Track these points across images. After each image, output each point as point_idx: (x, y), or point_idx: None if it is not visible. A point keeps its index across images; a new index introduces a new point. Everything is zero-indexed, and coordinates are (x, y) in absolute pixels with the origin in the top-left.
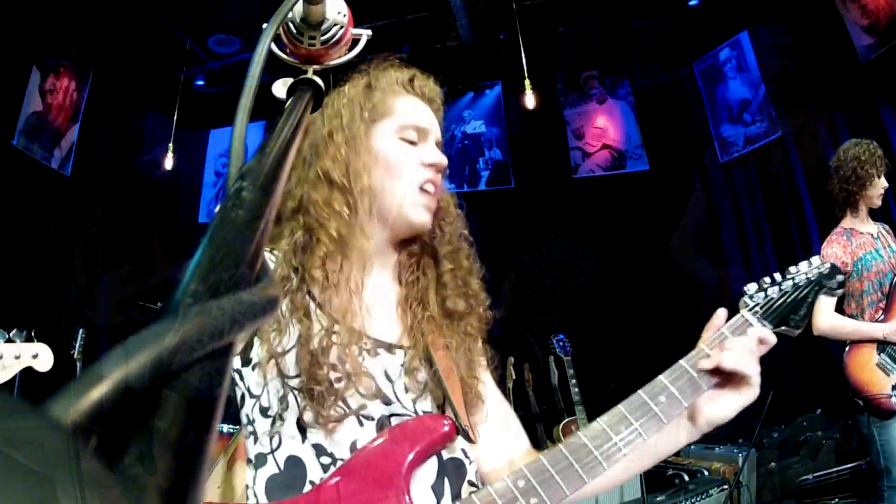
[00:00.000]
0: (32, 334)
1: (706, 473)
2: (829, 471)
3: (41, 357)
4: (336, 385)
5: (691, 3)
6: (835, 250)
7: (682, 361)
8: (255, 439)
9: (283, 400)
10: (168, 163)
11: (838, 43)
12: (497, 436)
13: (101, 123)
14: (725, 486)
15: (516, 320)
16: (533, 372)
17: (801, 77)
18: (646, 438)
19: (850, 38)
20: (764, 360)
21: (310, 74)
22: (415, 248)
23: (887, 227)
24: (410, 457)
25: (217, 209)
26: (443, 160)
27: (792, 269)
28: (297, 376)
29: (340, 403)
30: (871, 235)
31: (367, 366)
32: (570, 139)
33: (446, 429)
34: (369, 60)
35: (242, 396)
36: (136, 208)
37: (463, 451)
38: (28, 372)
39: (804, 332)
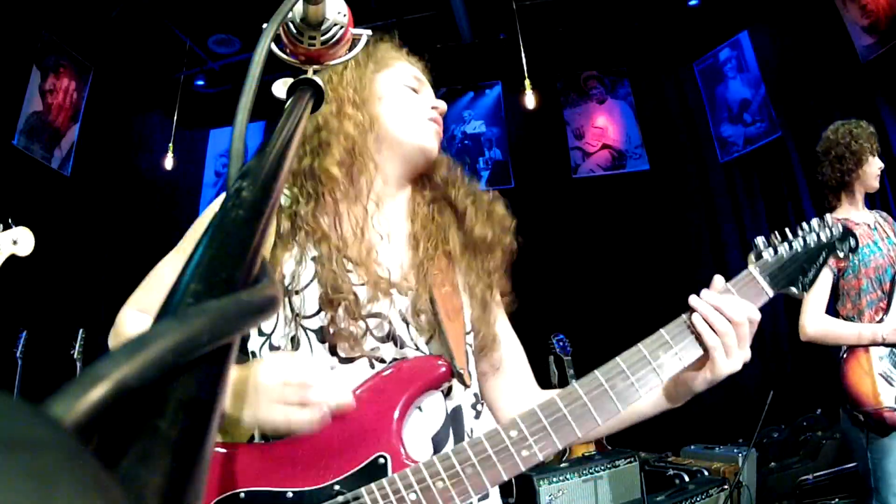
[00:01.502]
0: (10, 221)
1: (706, 473)
2: (828, 471)
3: (21, 241)
4: (356, 306)
5: (691, 3)
6: None
7: (683, 316)
8: None
9: (294, 339)
10: (168, 163)
11: (838, 43)
12: (507, 377)
13: (101, 123)
14: (725, 486)
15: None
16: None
17: (801, 77)
18: (641, 395)
19: (850, 38)
20: (764, 360)
21: (310, 74)
22: (427, 191)
23: (884, 213)
24: (404, 397)
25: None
26: (444, 105)
27: (804, 226)
28: (313, 315)
29: (361, 322)
30: (868, 226)
31: (384, 307)
32: (570, 139)
33: (442, 370)
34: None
35: (249, 333)
36: (136, 208)
37: (467, 397)
38: (28, 371)
39: None
